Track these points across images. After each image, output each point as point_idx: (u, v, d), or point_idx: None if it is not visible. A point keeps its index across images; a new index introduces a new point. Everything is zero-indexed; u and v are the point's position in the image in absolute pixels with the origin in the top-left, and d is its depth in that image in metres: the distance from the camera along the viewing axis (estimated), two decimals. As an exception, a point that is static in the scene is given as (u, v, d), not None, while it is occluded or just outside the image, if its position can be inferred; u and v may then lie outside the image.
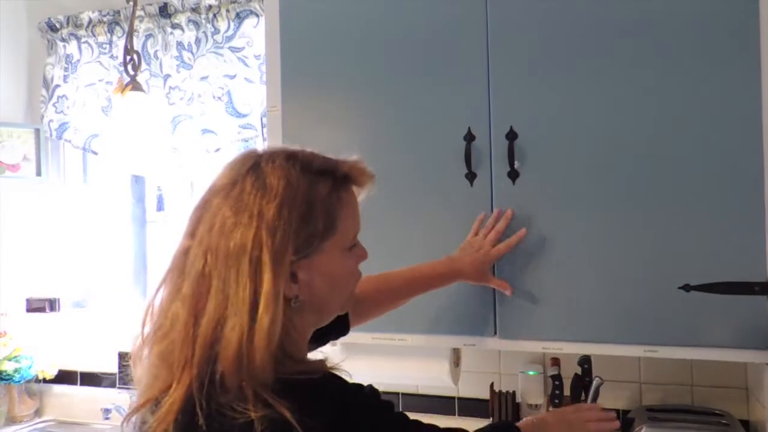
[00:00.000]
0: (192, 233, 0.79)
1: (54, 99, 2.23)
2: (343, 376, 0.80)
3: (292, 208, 0.77)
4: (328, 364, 0.79)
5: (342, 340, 1.58)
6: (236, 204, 0.77)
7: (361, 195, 0.89)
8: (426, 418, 1.78)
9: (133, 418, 0.79)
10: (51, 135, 2.25)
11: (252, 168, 0.80)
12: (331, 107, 1.52)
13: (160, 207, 2.21)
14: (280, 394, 0.71)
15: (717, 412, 1.46)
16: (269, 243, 0.74)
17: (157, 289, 0.82)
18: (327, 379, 0.77)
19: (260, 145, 2.01)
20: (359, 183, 0.88)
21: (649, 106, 1.27)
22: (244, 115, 2.00)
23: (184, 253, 0.79)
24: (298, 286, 0.79)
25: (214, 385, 0.73)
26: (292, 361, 0.76)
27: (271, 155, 0.81)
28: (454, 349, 1.59)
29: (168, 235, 2.22)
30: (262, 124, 1.96)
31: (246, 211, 0.76)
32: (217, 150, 2.03)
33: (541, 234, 1.33)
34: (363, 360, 1.61)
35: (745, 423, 1.47)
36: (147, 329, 0.81)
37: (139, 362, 0.81)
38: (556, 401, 1.52)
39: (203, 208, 0.80)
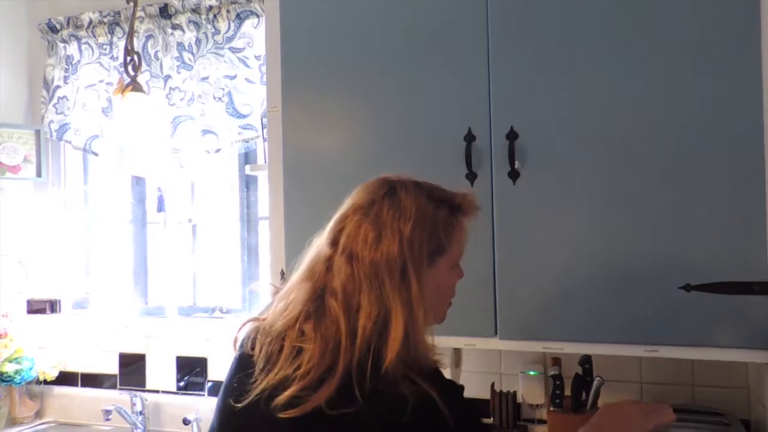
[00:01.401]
0: (334, 242, 0.95)
1: (54, 100, 2.23)
2: None
3: (423, 228, 0.93)
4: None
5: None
6: (376, 221, 0.93)
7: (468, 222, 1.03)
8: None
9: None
10: (51, 136, 2.25)
11: (388, 193, 0.96)
12: (331, 108, 1.52)
13: (160, 208, 2.20)
14: (427, 379, 0.85)
15: (718, 411, 1.46)
16: (410, 255, 0.90)
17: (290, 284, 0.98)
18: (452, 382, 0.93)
19: (261, 146, 2.01)
20: (468, 213, 1.02)
21: (651, 107, 1.27)
22: (245, 116, 2.00)
23: (327, 259, 0.94)
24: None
25: (376, 369, 0.84)
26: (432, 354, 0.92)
27: (402, 182, 0.98)
28: (455, 349, 1.59)
29: (168, 236, 2.22)
30: (262, 124, 1.96)
31: (387, 228, 0.92)
32: (218, 151, 2.03)
33: (541, 234, 1.33)
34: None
35: (746, 422, 1.47)
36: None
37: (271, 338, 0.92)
38: (557, 401, 1.51)
39: (342, 222, 0.96)
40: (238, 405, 0.90)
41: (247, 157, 2.17)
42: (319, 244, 0.99)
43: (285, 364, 0.88)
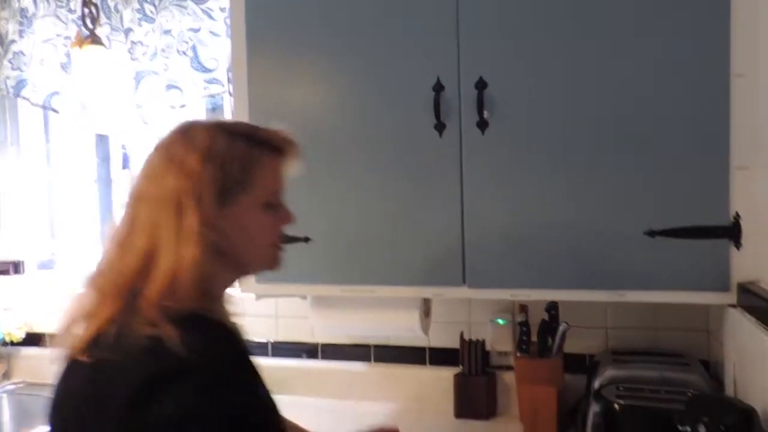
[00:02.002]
0: (132, 182, 0.91)
1: (9, 55, 2.15)
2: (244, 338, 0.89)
3: (212, 161, 0.87)
4: (233, 319, 0.89)
5: (315, 293, 1.60)
6: (165, 155, 0.89)
7: (293, 164, 0.98)
8: (397, 369, 1.83)
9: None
10: (8, 93, 2.17)
11: (183, 128, 0.92)
12: (297, 60, 1.49)
13: (125, 165, 2.16)
14: (177, 321, 0.79)
15: (679, 353, 1.51)
16: (190, 188, 0.84)
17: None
18: (220, 325, 0.86)
19: (228, 101, 1.98)
20: (281, 150, 0.96)
21: (617, 56, 1.27)
22: (211, 70, 1.95)
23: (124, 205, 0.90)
24: (217, 233, 0.87)
25: (134, 309, 0.81)
26: (207, 300, 0.86)
27: (203, 121, 0.94)
28: (425, 299, 1.61)
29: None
30: (228, 79, 1.92)
31: (172, 162, 0.87)
32: (183, 106, 1.98)
33: (509, 183, 1.34)
34: (333, 313, 1.61)
35: (705, 363, 1.52)
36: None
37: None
38: (524, 347, 1.55)
39: (144, 163, 0.91)
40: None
41: (215, 114, 2.13)
42: None
43: (79, 313, 0.87)
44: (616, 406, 1.25)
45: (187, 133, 0.90)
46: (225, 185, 0.87)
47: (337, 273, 1.45)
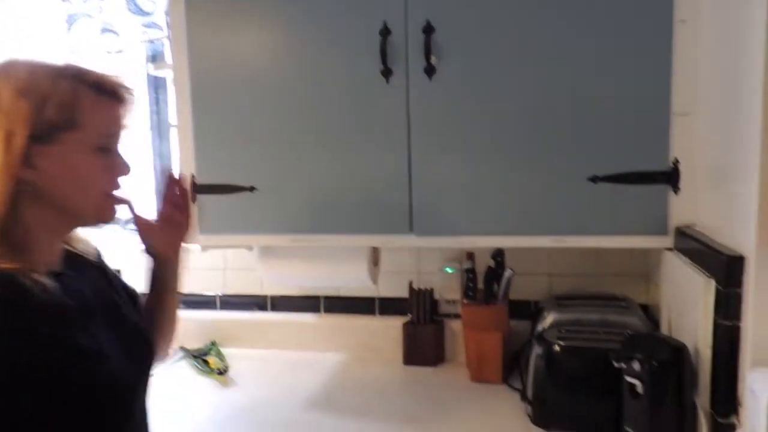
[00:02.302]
0: None
1: (-71, -5, 2.01)
2: (28, 290, 0.82)
3: (27, 96, 0.82)
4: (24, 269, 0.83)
5: (262, 244, 1.58)
6: None
7: (127, 112, 0.93)
8: (347, 319, 1.83)
9: None
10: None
11: (4, 65, 0.86)
12: (239, 3, 1.42)
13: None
14: None
15: (619, 297, 1.56)
16: (2, 124, 0.81)
17: None
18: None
19: (167, 45, 1.90)
20: (113, 93, 0.91)
21: (561, 3, 1.25)
22: (148, 14, 1.87)
23: None
24: (35, 171, 0.84)
25: None
26: (12, 246, 0.82)
27: (27, 59, 0.87)
28: (373, 248, 1.61)
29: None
30: (167, 23, 1.84)
31: None
32: (120, 51, 1.90)
33: (456, 130, 1.33)
34: (281, 264, 1.60)
35: (644, 307, 1.58)
36: None
37: None
38: (470, 294, 1.57)
39: None
40: None
41: (155, 60, 2.04)
42: None
43: None
44: (557, 347, 1.29)
45: (6, 69, 0.86)
46: (44, 122, 0.83)
47: (284, 223, 1.43)
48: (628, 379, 1.10)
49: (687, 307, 1.14)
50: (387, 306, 1.81)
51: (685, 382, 1.06)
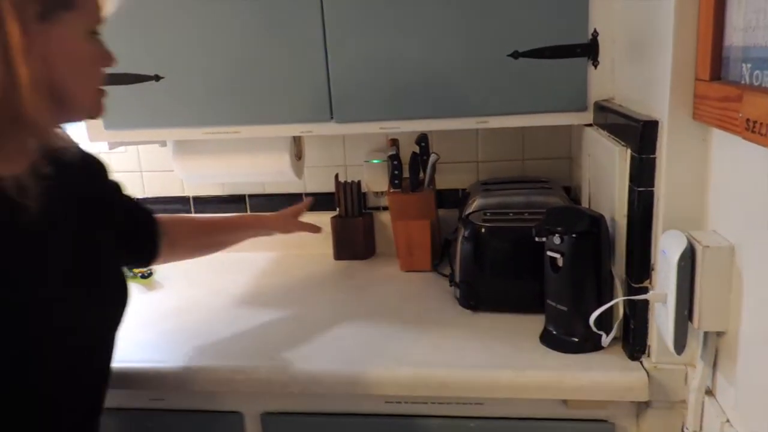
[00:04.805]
0: None
1: None
2: None
3: None
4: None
5: (173, 138, 1.50)
6: None
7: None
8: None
9: None
10: None
11: None
12: None
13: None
14: None
15: (543, 179, 1.57)
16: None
17: None
18: None
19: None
20: None
21: None
22: None
23: None
24: (39, 53, 0.77)
25: None
26: None
27: None
28: (294, 140, 1.55)
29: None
30: None
31: None
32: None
33: (373, 9, 1.25)
34: (198, 160, 1.53)
35: (567, 189, 1.60)
36: None
37: None
38: (396, 182, 1.55)
39: None
40: None
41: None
42: None
43: None
44: (483, 228, 1.30)
45: None
46: None
47: (196, 114, 1.35)
48: (549, 253, 1.11)
49: (605, 179, 1.15)
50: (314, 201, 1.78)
51: (602, 251, 1.08)
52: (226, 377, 1.15)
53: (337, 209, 1.71)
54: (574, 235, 1.07)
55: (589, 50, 1.20)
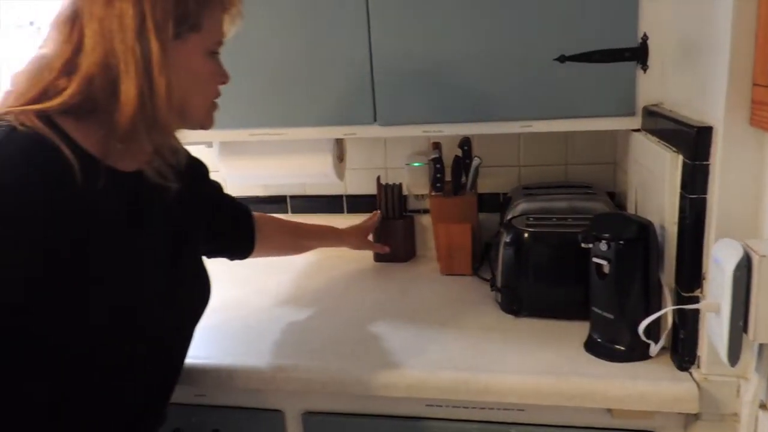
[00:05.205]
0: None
1: None
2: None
3: None
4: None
5: (220, 139, 1.52)
6: None
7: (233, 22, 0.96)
8: (315, 218, 1.80)
9: None
10: None
11: None
12: None
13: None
14: None
15: (587, 185, 1.55)
16: (150, 12, 0.80)
17: None
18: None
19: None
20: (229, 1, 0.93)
21: None
22: None
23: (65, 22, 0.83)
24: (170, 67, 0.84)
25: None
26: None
27: None
28: (337, 142, 1.56)
29: (6, 42, 1.96)
30: None
31: None
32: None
33: (418, 13, 1.25)
34: (243, 161, 1.55)
35: (611, 194, 1.57)
36: None
37: None
38: (438, 185, 1.54)
39: None
40: None
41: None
42: None
43: None
44: (526, 233, 1.28)
45: None
46: (180, 18, 0.84)
47: (242, 116, 1.37)
48: (596, 260, 1.10)
49: (653, 186, 1.13)
50: (355, 204, 1.78)
51: (650, 259, 1.06)
52: (268, 376, 1.17)
53: (378, 210, 1.71)
54: (621, 242, 1.05)
55: (639, 54, 1.18)
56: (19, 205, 0.75)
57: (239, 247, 1.30)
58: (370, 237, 1.60)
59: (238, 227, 1.27)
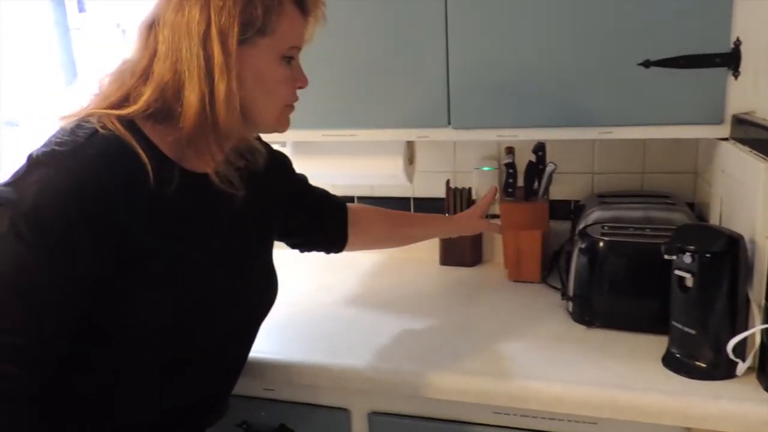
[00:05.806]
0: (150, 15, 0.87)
1: None
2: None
3: None
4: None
5: (294, 139, 1.54)
6: None
7: (313, 27, 0.97)
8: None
9: None
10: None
11: None
12: None
13: (81, 8, 1.99)
14: None
15: (665, 194, 1.50)
16: (216, 19, 0.82)
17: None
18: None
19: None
20: (306, 7, 0.93)
21: None
22: None
23: (144, 29, 0.87)
24: (234, 73, 0.85)
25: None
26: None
27: None
28: (408, 144, 1.55)
29: (95, 40, 2.04)
30: None
31: None
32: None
33: (496, 17, 1.24)
34: (315, 160, 1.56)
35: (691, 205, 1.51)
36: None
37: None
38: (510, 190, 1.52)
39: None
40: None
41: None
42: None
43: None
44: (601, 242, 1.25)
45: None
46: (246, 23, 0.84)
47: (317, 117, 1.38)
48: (678, 272, 1.06)
49: (743, 198, 1.08)
50: (423, 206, 1.77)
51: (739, 274, 1.02)
52: (335, 374, 1.17)
53: (446, 214, 1.70)
54: (708, 255, 1.01)
55: (731, 60, 1.14)
56: (97, 205, 0.78)
57: (330, 241, 1.28)
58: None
59: (326, 220, 1.26)
